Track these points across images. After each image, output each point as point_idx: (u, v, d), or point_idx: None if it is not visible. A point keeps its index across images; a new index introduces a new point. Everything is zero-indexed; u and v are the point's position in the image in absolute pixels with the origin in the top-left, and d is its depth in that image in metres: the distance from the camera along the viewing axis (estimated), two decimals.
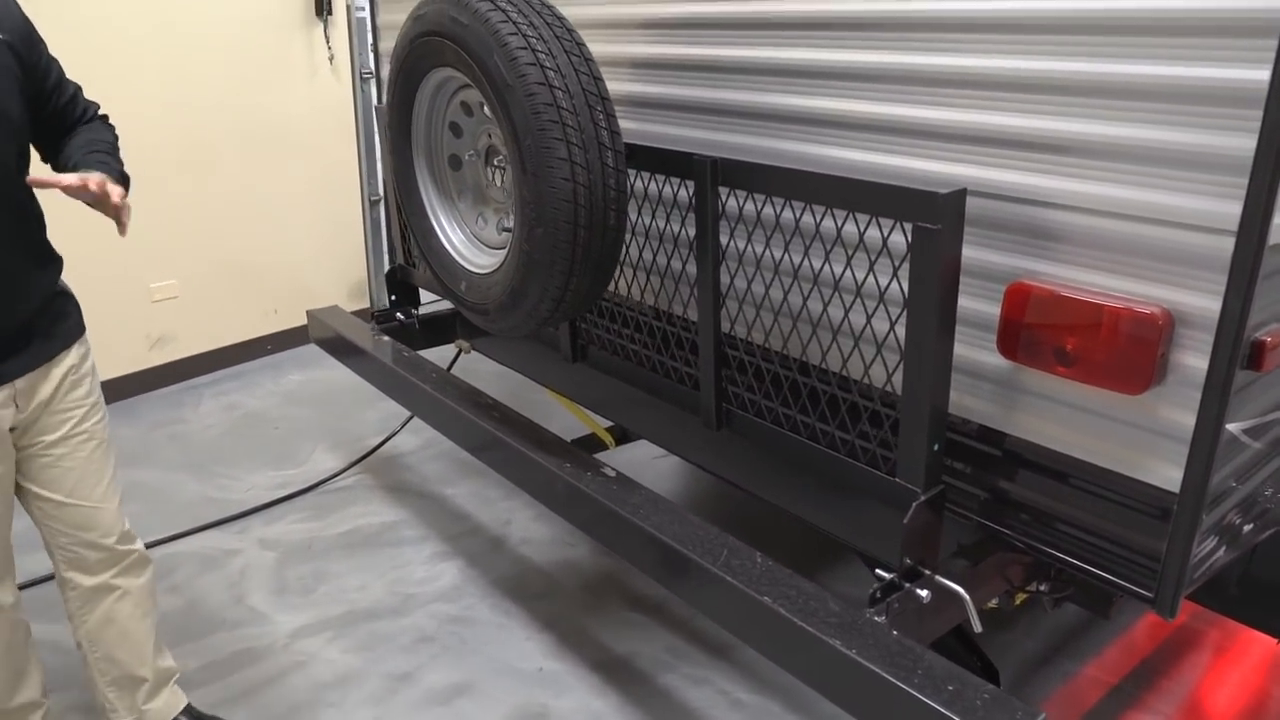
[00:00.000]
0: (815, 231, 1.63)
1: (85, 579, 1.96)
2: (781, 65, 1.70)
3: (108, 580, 1.98)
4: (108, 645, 2.02)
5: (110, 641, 2.02)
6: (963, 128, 1.47)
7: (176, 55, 4.07)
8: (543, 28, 1.70)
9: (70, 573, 1.94)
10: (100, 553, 1.95)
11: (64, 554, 1.93)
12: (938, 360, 1.49)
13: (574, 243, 1.71)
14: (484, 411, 2.31)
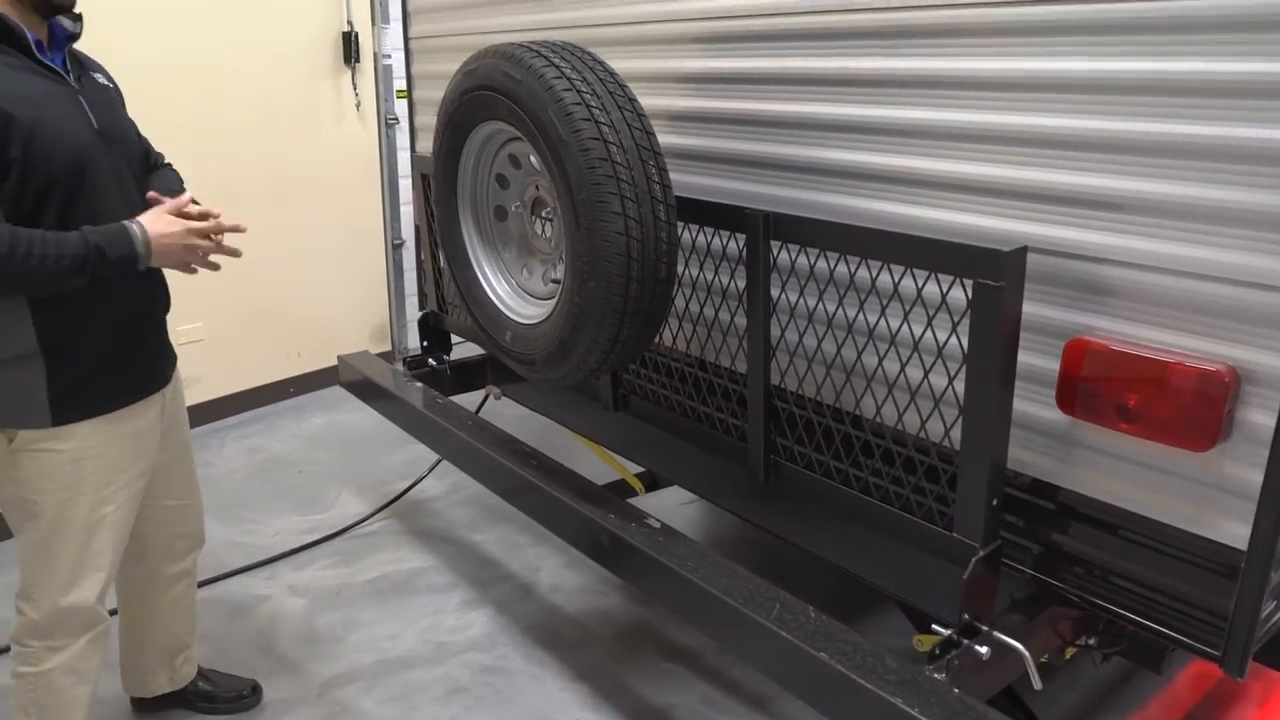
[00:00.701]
0: (871, 286, 1.63)
1: (171, 566, 2.20)
2: (834, 121, 1.72)
3: (186, 566, 2.25)
4: (169, 620, 2.25)
5: (173, 617, 2.26)
6: (1022, 185, 1.48)
7: (206, 101, 4.12)
8: (596, 83, 1.72)
9: (160, 564, 2.14)
10: (190, 541, 2.24)
11: (159, 549, 2.13)
12: (998, 416, 1.49)
13: (625, 295, 1.72)
14: (522, 459, 2.30)
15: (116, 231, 1.67)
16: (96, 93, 1.82)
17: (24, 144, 1.60)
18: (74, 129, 1.71)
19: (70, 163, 1.68)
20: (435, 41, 2.98)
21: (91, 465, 1.80)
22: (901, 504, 1.67)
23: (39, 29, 1.72)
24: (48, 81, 1.70)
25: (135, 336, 1.87)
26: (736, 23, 1.86)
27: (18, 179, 1.61)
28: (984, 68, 1.48)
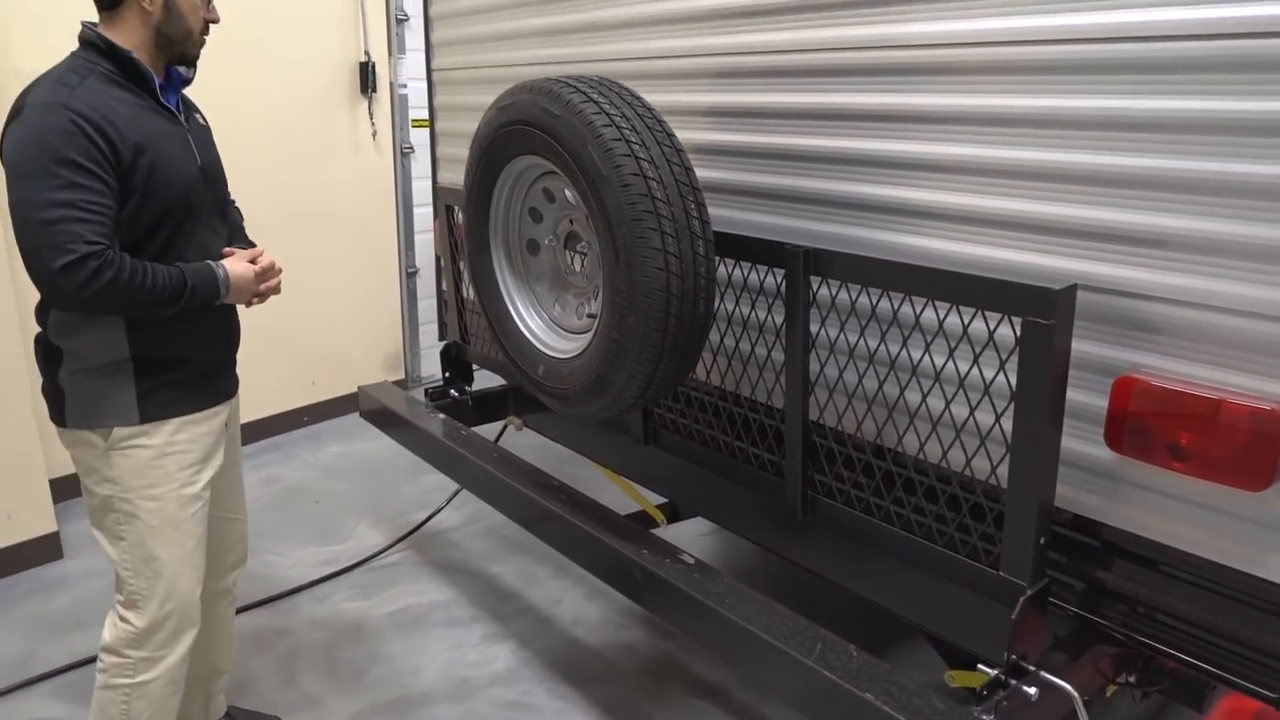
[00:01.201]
0: (914, 322, 1.62)
1: (214, 583, 2.22)
2: (876, 156, 1.72)
3: (228, 584, 2.31)
4: (209, 641, 2.25)
5: (213, 638, 2.27)
6: (1069, 222, 1.47)
7: (225, 129, 4.09)
8: (634, 118, 1.72)
9: (204, 581, 2.11)
10: (234, 557, 2.31)
11: (206, 566, 2.11)
12: (1046, 454, 1.48)
13: (664, 331, 1.71)
14: (550, 493, 2.29)
15: (207, 273, 1.88)
16: (199, 132, 2.02)
17: (147, 175, 1.79)
18: (185, 165, 1.90)
19: (181, 195, 1.87)
20: (459, 74, 2.99)
21: (177, 460, 1.94)
22: (945, 541, 1.65)
23: (160, 74, 1.91)
24: (165, 121, 1.88)
25: (212, 351, 2.03)
26: (775, 58, 1.86)
27: (136, 206, 1.79)
28: (1030, 105, 1.48)
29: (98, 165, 1.70)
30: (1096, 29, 1.39)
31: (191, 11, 1.89)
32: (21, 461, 3.30)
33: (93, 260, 1.67)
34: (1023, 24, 1.48)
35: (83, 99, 1.72)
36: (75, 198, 1.68)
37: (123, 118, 1.76)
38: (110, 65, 1.81)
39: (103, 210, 1.71)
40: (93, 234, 1.68)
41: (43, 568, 3.38)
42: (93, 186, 1.70)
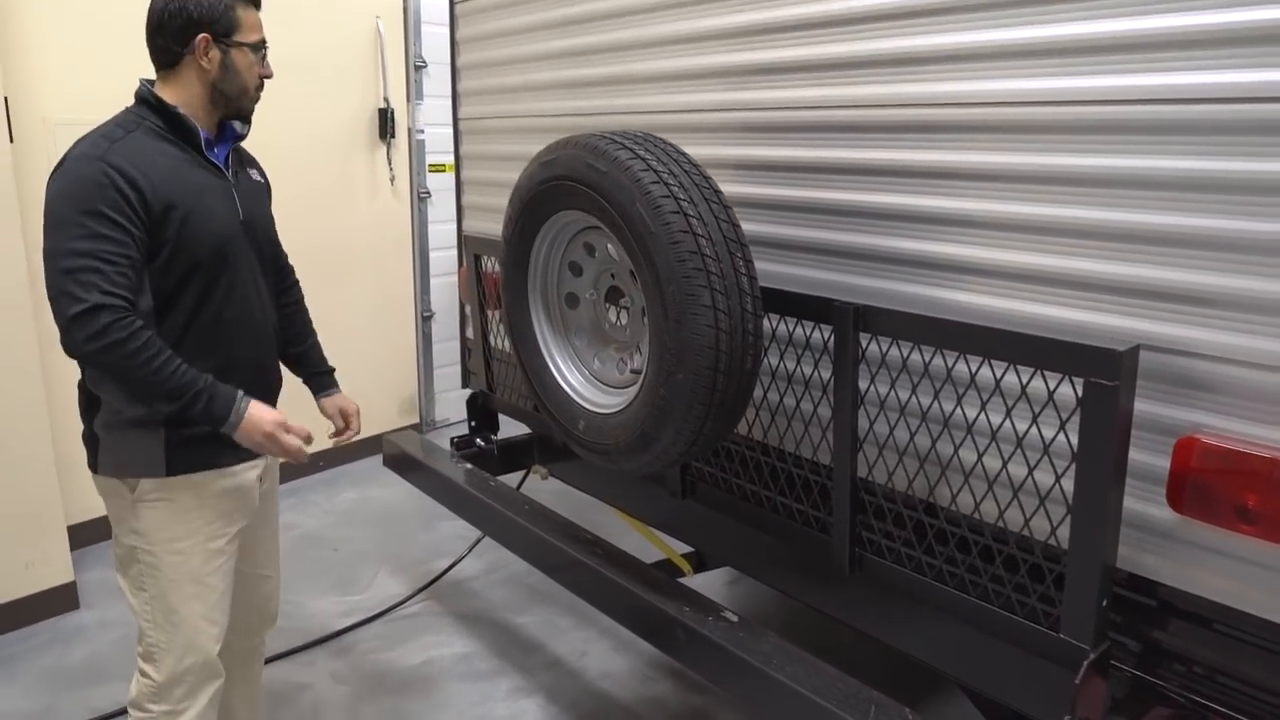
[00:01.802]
0: (970, 380, 1.61)
1: (243, 640, 2.22)
2: (929, 213, 1.71)
3: (256, 642, 2.30)
4: (234, 701, 2.25)
5: (238, 697, 2.27)
6: (1130, 281, 1.46)
7: None
8: (681, 175, 1.72)
9: (232, 637, 2.09)
10: (264, 616, 2.29)
11: (235, 620, 2.10)
12: (1109, 515, 1.45)
13: (712, 388, 1.69)
14: (586, 547, 2.26)
15: (227, 395, 1.82)
16: (248, 187, 2.04)
17: (179, 226, 1.81)
18: (223, 218, 1.90)
19: (215, 247, 1.88)
20: (486, 123, 3.01)
21: (202, 515, 1.93)
22: (1001, 602, 1.62)
23: (212, 128, 1.95)
24: (208, 174, 1.91)
25: None
26: (828, 113, 1.86)
27: (168, 256, 1.81)
28: (1089, 164, 1.48)
29: (124, 217, 1.72)
30: (1161, 90, 1.39)
31: (247, 69, 1.93)
32: (41, 510, 3.27)
33: (104, 314, 1.67)
34: (1081, 84, 1.48)
35: (120, 152, 1.76)
36: (97, 247, 1.70)
37: (161, 170, 1.79)
38: (158, 120, 1.86)
39: (124, 261, 1.72)
40: (109, 285, 1.69)
41: (60, 618, 3.34)
42: (116, 237, 1.71)
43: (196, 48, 1.86)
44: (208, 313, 1.89)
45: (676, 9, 2.17)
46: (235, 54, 1.90)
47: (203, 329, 1.89)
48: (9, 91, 3.23)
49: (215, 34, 1.87)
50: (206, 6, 1.86)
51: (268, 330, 2.07)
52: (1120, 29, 1.42)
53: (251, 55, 1.93)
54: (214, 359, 1.89)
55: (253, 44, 1.92)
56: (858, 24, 1.77)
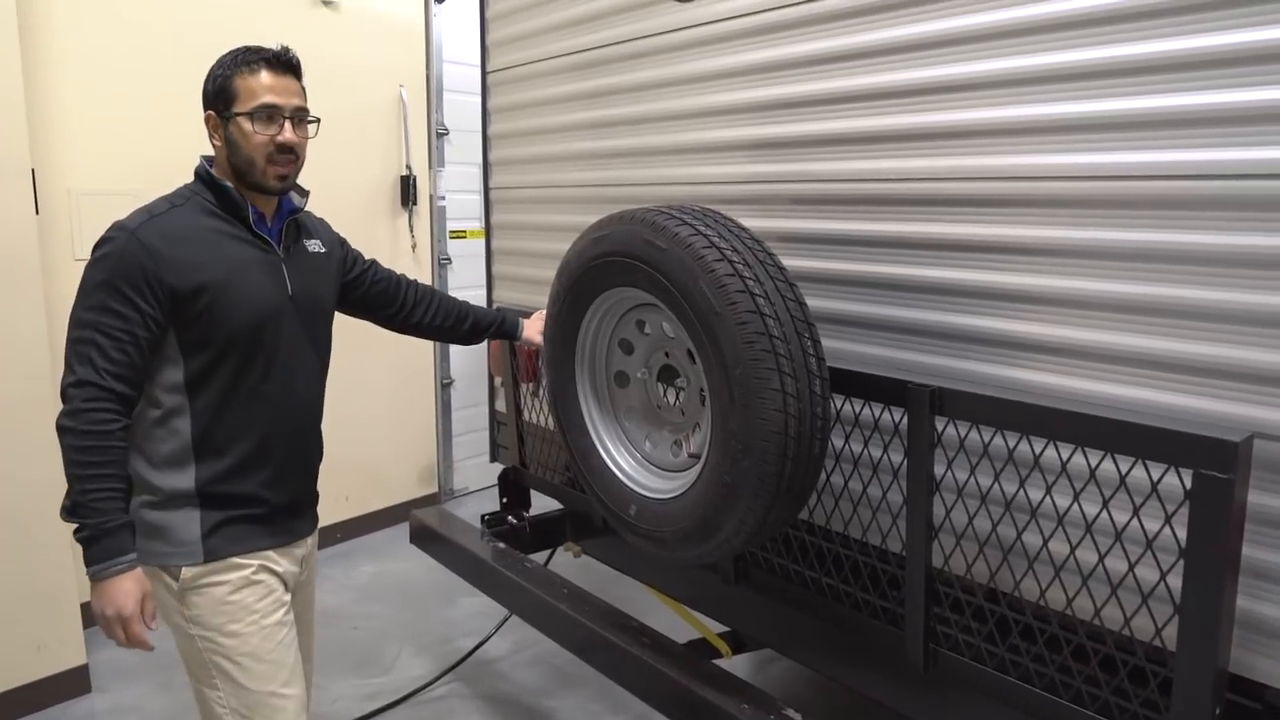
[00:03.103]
0: (1061, 468, 1.51)
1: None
2: (1011, 291, 1.64)
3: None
4: None
5: None
6: (1236, 365, 1.38)
7: None
8: (745, 251, 1.65)
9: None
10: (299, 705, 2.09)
11: None
12: (1222, 616, 1.35)
13: (780, 475, 1.60)
14: (632, 636, 2.14)
15: (109, 549, 1.68)
16: (303, 260, 1.96)
17: (209, 306, 1.75)
18: (263, 295, 1.83)
19: (250, 324, 1.80)
20: (518, 193, 2.96)
21: (254, 590, 1.85)
22: (1098, 707, 1.51)
23: (263, 204, 1.88)
24: (254, 249, 1.85)
25: (288, 490, 1.94)
26: (909, 186, 1.80)
27: (199, 333, 1.76)
28: (1199, 241, 1.40)
29: (139, 293, 1.69)
30: (1263, 165, 1.32)
31: (244, 139, 1.80)
32: (54, 591, 3.16)
33: (83, 392, 1.66)
34: (1171, 159, 1.41)
35: (156, 227, 1.74)
36: (102, 320, 1.67)
37: (196, 248, 1.76)
38: (209, 195, 1.83)
39: (126, 338, 1.68)
40: (104, 360, 1.67)
41: (71, 703, 3.20)
42: (123, 313, 1.68)
43: (208, 125, 1.85)
44: (244, 388, 1.83)
45: (735, 78, 2.12)
46: (232, 126, 1.81)
47: (239, 404, 1.83)
48: (35, 163, 3.20)
49: (218, 109, 1.82)
50: (210, 80, 1.83)
51: (312, 404, 2.00)
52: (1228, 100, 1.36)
53: (250, 125, 1.79)
54: (252, 434, 1.84)
55: (249, 112, 1.78)
56: (936, 93, 1.72)
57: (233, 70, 1.80)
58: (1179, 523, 1.37)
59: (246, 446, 1.84)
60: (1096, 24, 1.48)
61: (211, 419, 1.79)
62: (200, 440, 1.80)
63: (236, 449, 1.83)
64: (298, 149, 1.85)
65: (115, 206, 3.51)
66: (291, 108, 1.83)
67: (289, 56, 1.85)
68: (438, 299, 2.40)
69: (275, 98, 1.80)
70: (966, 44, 1.66)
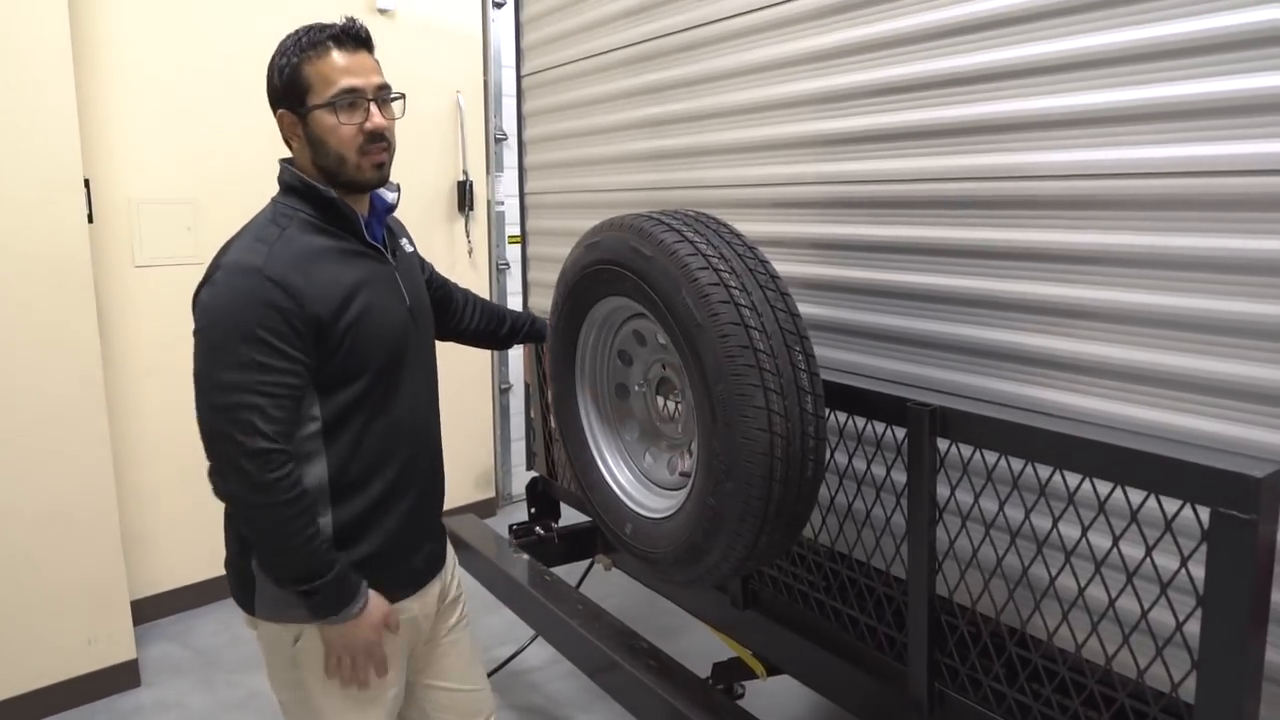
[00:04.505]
0: (1069, 498, 1.37)
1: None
2: (1024, 300, 1.50)
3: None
4: None
5: None
6: (1265, 386, 1.22)
7: None
8: (734, 259, 1.55)
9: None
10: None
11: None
12: (1247, 668, 1.19)
13: (767, 499, 1.50)
14: (639, 659, 2.06)
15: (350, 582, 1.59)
16: (406, 263, 1.80)
17: (351, 335, 1.57)
18: (393, 312, 1.67)
19: (390, 346, 1.65)
20: (551, 198, 2.91)
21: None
22: None
23: (361, 206, 1.67)
24: (372, 263, 1.66)
25: (414, 535, 1.76)
26: (911, 187, 1.68)
27: (340, 367, 1.58)
28: (1214, 246, 1.25)
29: (288, 342, 1.49)
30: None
31: (329, 135, 1.57)
32: (106, 587, 3.24)
33: (269, 461, 1.47)
34: (1194, 153, 1.26)
35: (281, 258, 1.52)
36: (256, 380, 1.48)
37: (325, 273, 1.56)
38: (311, 209, 1.61)
39: (284, 393, 1.50)
40: (269, 424, 1.48)
41: (119, 696, 3.28)
42: (279, 366, 1.49)
43: (282, 126, 1.63)
44: (384, 418, 1.65)
45: (738, 78, 2.02)
46: (312, 123, 1.58)
47: (377, 435, 1.64)
48: (91, 173, 3.30)
49: (291, 106, 1.59)
50: (276, 74, 1.60)
51: (436, 421, 1.85)
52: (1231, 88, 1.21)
53: (332, 117, 1.56)
54: (391, 467, 1.67)
55: (329, 101, 1.56)
56: (942, 88, 1.59)
57: (299, 58, 1.57)
58: (1198, 563, 1.22)
59: (387, 479, 1.66)
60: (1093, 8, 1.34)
61: (350, 455, 1.62)
62: (338, 479, 1.62)
63: (377, 484, 1.65)
64: (388, 133, 1.62)
65: (174, 215, 3.66)
66: (373, 87, 1.59)
67: (356, 28, 1.60)
68: (480, 302, 2.25)
69: (354, 79, 1.57)
70: (972, 34, 1.53)
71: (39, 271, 2.99)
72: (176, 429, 3.70)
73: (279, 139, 1.67)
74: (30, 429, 3.02)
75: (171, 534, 3.74)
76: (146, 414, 3.65)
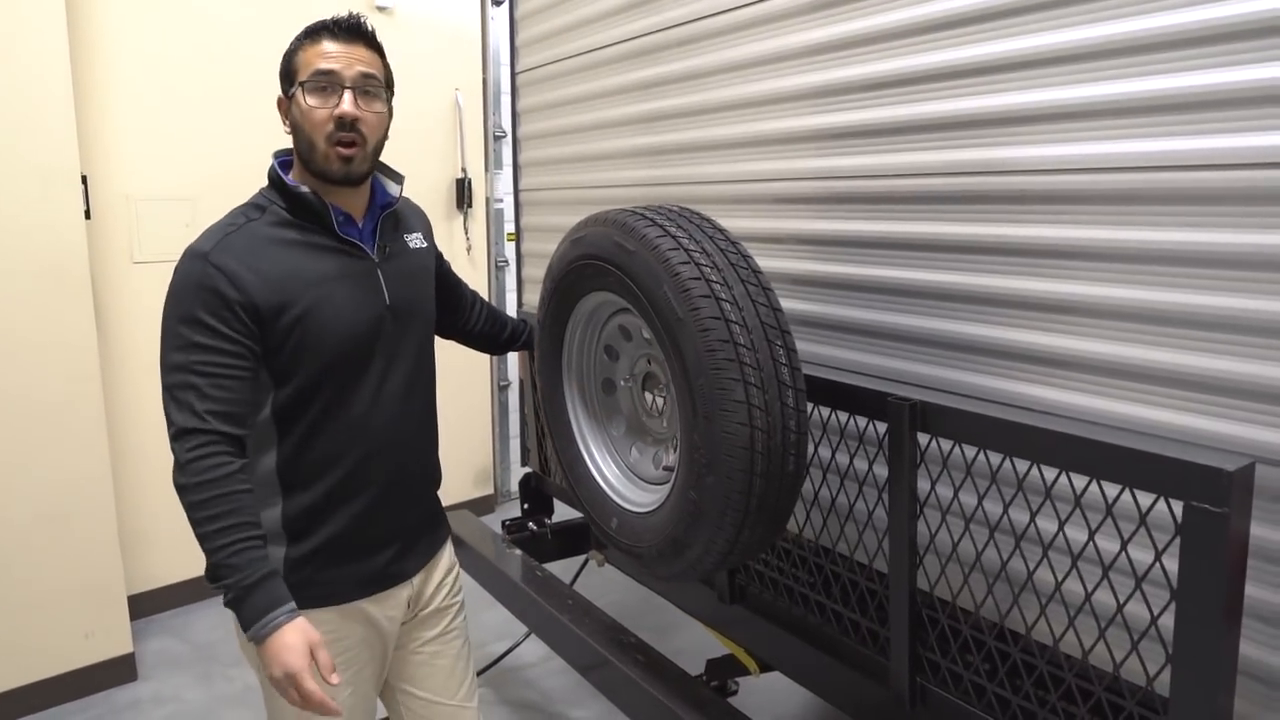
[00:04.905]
0: (1045, 490, 1.37)
1: None
2: (1002, 295, 1.51)
3: None
4: None
5: None
6: (1241, 380, 1.22)
7: None
8: (716, 254, 1.56)
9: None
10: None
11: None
12: (1220, 663, 1.19)
13: (748, 493, 1.50)
14: (627, 653, 2.07)
15: (261, 604, 1.46)
16: (401, 261, 1.74)
17: (295, 330, 1.55)
18: (353, 312, 1.62)
19: (342, 347, 1.60)
20: (543, 195, 2.92)
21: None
22: None
23: (348, 201, 1.66)
24: (344, 259, 1.63)
25: (369, 537, 1.70)
26: (891, 182, 1.68)
27: (287, 361, 1.56)
28: (1192, 240, 1.25)
29: (226, 324, 1.49)
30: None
31: (304, 116, 1.56)
32: (103, 581, 3.27)
33: (190, 440, 1.45)
34: (1181, 146, 1.26)
35: (231, 247, 1.53)
36: (194, 360, 1.47)
37: (277, 266, 1.55)
38: (284, 203, 1.61)
39: (224, 373, 1.48)
40: (204, 404, 1.46)
41: (115, 690, 3.30)
42: (218, 346, 1.48)
43: (280, 111, 1.64)
44: (340, 414, 1.62)
45: (722, 74, 2.03)
46: (294, 105, 1.58)
47: (331, 432, 1.62)
48: (88, 169, 3.32)
49: (285, 90, 1.61)
50: (282, 59, 1.62)
51: (416, 421, 1.79)
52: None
53: (307, 99, 1.55)
54: (345, 462, 1.64)
55: (303, 81, 1.56)
56: (927, 82, 1.59)
57: (297, 44, 1.60)
58: (1172, 557, 1.22)
59: (336, 476, 1.63)
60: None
61: (299, 449, 1.61)
62: (285, 471, 1.62)
63: (324, 482, 1.63)
64: (361, 124, 1.58)
65: (173, 212, 3.67)
66: (353, 75, 1.57)
67: (355, 20, 1.60)
68: (487, 306, 2.25)
69: (332, 64, 1.55)
70: (958, 28, 1.53)
71: (36, 268, 3.01)
72: None
73: (277, 135, 1.68)
74: (28, 425, 3.04)
75: (169, 529, 3.76)
76: (144, 410, 3.67)
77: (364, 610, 1.71)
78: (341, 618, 1.68)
